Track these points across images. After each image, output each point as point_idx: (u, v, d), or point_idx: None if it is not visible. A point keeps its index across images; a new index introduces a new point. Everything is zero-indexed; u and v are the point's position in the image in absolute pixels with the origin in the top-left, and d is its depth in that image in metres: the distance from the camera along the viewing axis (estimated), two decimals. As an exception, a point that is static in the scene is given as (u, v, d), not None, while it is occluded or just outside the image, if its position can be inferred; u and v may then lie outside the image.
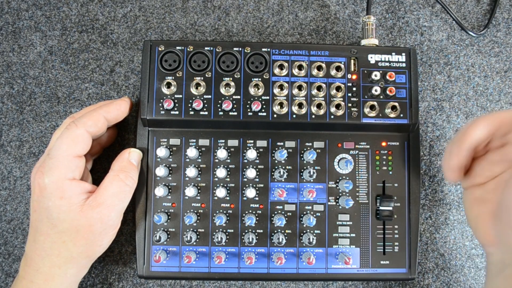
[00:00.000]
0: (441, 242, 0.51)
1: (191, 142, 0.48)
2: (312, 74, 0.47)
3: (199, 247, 0.47)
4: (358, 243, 0.47)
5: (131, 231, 0.50)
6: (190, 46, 0.47)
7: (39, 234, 0.41)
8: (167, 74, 0.46)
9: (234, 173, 0.47)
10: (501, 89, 0.54)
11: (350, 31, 0.55)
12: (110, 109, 0.44)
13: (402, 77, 0.47)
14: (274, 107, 0.46)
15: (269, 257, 0.47)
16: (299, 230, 0.47)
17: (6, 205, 0.51)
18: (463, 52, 0.55)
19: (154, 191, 0.46)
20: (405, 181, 0.48)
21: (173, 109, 0.46)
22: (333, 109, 0.46)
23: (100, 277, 0.50)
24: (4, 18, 0.54)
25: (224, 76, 0.46)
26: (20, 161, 0.52)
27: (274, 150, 0.48)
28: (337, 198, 0.48)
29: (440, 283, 0.51)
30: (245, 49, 0.47)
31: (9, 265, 0.50)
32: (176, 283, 0.50)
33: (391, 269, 0.47)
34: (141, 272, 0.46)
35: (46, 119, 0.52)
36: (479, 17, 0.56)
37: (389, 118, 0.47)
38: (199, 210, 0.47)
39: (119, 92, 0.53)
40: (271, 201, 0.48)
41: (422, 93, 0.54)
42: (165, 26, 0.54)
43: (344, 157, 0.48)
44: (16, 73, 0.53)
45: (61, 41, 0.53)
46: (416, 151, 0.49)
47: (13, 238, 0.51)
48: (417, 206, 0.48)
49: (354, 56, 0.48)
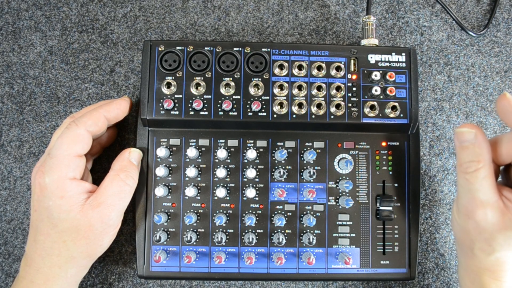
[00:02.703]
0: (441, 242, 0.51)
1: (191, 142, 0.48)
2: (312, 74, 0.47)
3: (199, 247, 0.47)
4: (358, 243, 0.47)
5: (131, 231, 0.50)
6: (190, 46, 0.47)
7: (39, 234, 0.41)
8: (167, 74, 0.46)
9: (234, 173, 0.48)
10: (501, 89, 0.54)
11: (350, 31, 0.55)
12: (110, 108, 0.44)
13: (402, 77, 0.47)
14: (274, 107, 0.46)
15: (269, 257, 0.47)
16: (299, 230, 0.47)
17: (6, 205, 0.51)
18: (463, 52, 0.55)
19: (154, 191, 0.46)
20: (405, 181, 0.48)
21: (173, 109, 0.46)
22: (333, 109, 0.46)
23: (100, 277, 0.50)
24: (4, 18, 0.54)
25: (224, 76, 0.47)
26: (20, 161, 0.52)
27: (274, 150, 0.48)
28: (337, 198, 0.48)
29: (440, 283, 0.51)
30: (245, 49, 0.47)
31: (9, 265, 0.50)
32: (176, 283, 0.50)
33: (391, 269, 0.47)
34: (141, 272, 0.46)
35: (46, 119, 0.52)
36: (479, 17, 0.56)
37: (389, 118, 0.47)
38: (199, 210, 0.47)
39: (119, 92, 0.53)
40: (271, 201, 0.48)
41: (422, 93, 0.54)
42: (165, 26, 0.54)
43: (344, 157, 0.48)
44: (16, 73, 0.53)
45: (61, 41, 0.53)
46: (416, 151, 0.49)
47: (13, 238, 0.51)
48: (417, 206, 0.48)
49: (354, 56, 0.48)
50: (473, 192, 0.36)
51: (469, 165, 0.36)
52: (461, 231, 0.39)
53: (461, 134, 0.37)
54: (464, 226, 0.38)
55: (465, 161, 0.37)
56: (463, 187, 0.37)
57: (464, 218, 0.38)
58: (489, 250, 0.37)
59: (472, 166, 0.36)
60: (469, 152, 0.36)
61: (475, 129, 0.36)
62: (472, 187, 0.36)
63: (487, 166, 0.36)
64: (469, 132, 0.36)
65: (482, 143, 0.36)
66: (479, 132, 0.36)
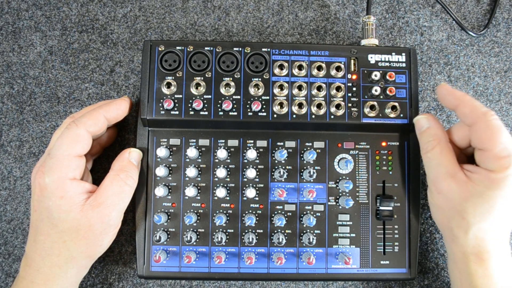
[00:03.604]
0: (441, 242, 0.51)
1: (191, 142, 0.48)
2: (312, 74, 0.47)
3: (199, 247, 0.47)
4: (358, 243, 0.47)
5: (131, 231, 0.50)
6: (190, 46, 0.47)
7: (39, 234, 0.41)
8: (167, 74, 0.46)
9: (234, 173, 0.48)
10: (501, 89, 0.54)
11: (350, 31, 0.55)
12: (110, 108, 0.44)
13: (402, 77, 0.47)
14: (274, 107, 0.46)
15: (269, 257, 0.47)
16: (299, 230, 0.47)
17: (6, 205, 0.51)
18: (463, 52, 0.55)
19: (154, 191, 0.46)
20: (405, 181, 0.48)
21: (173, 109, 0.46)
22: (333, 109, 0.46)
23: (100, 277, 0.50)
24: (4, 18, 0.54)
25: (224, 76, 0.47)
26: (20, 161, 0.52)
27: (274, 150, 0.48)
28: (337, 198, 0.48)
29: (440, 283, 0.51)
30: (245, 49, 0.47)
31: (9, 265, 0.50)
32: (176, 283, 0.50)
33: (391, 269, 0.47)
34: (141, 272, 0.46)
35: (46, 119, 0.52)
36: (479, 17, 0.56)
37: (389, 118, 0.47)
38: (199, 210, 0.47)
39: (119, 92, 0.53)
40: (271, 201, 0.48)
41: (422, 93, 0.54)
42: (165, 26, 0.54)
43: (344, 157, 0.48)
44: (16, 73, 0.53)
45: (61, 41, 0.53)
46: (416, 151, 0.48)
47: (13, 238, 0.51)
48: (417, 206, 0.48)
49: (354, 56, 0.48)
50: (436, 167, 0.41)
51: (428, 144, 0.42)
52: (437, 212, 0.43)
53: (418, 121, 0.45)
54: (437, 203, 0.42)
55: (424, 142, 0.43)
56: (428, 166, 0.43)
57: (435, 195, 0.42)
58: (465, 225, 0.39)
59: (430, 144, 0.42)
60: (427, 134, 0.43)
61: (428, 115, 0.44)
62: (434, 163, 0.42)
63: (443, 143, 0.42)
64: (423, 118, 0.44)
65: (436, 125, 0.43)
66: (432, 117, 0.44)
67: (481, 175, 0.39)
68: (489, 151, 0.38)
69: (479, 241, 0.39)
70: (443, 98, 0.43)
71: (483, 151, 0.39)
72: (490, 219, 0.39)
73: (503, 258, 0.40)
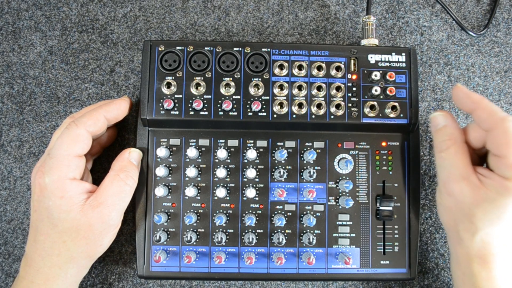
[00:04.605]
0: (441, 242, 0.51)
1: (191, 142, 0.48)
2: (312, 74, 0.47)
3: (199, 247, 0.47)
4: (358, 243, 0.47)
5: (131, 231, 0.50)
6: (190, 46, 0.47)
7: (39, 234, 0.41)
8: (167, 74, 0.46)
9: (234, 173, 0.48)
10: (501, 89, 0.54)
11: (350, 31, 0.55)
12: (110, 108, 0.44)
13: (402, 77, 0.47)
14: (274, 107, 0.46)
15: (269, 257, 0.47)
16: (299, 230, 0.47)
17: (6, 205, 0.51)
18: (463, 52, 0.55)
19: (154, 191, 0.46)
20: (405, 181, 0.48)
21: (173, 109, 0.46)
22: (333, 109, 0.46)
23: (100, 277, 0.50)
24: (4, 18, 0.54)
25: (224, 76, 0.47)
26: (20, 161, 0.52)
27: (274, 150, 0.48)
28: (337, 198, 0.48)
29: (440, 283, 0.51)
30: (245, 49, 0.47)
31: (9, 265, 0.50)
32: (176, 283, 0.50)
33: (391, 269, 0.47)
34: (141, 272, 0.46)
35: (46, 119, 0.52)
36: (479, 17, 0.56)
37: (389, 118, 0.47)
38: (199, 210, 0.47)
39: (119, 92, 0.53)
40: (271, 201, 0.48)
41: (422, 93, 0.54)
42: (165, 26, 0.54)
43: (344, 157, 0.48)
44: (16, 73, 0.53)
45: (61, 41, 0.53)
46: (416, 151, 0.49)
47: (13, 238, 0.51)
48: (417, 206, 0.48)
49: (354, 56, 0.48)
50: (449, 168, 0.40)
51: (443, 143, 0.41)
52: (445, 213, 0.42)
53: (435, 118, 0.43)
54: (446, 204, 0.41)
55: (439, 141, 0.41)
56: (440, 166, 0.41)
57: (445, 196, 0.41)
58: (472, 229, 0.39)
59: (445, 144, 0.41)
60: (442, 133, 0.41)
61: (446, 113, 0.42)
62: (447, 163, 0.40)
63: (459, 143, 0.40)
64: (440, 115, 0.42)
65: (453, 124, 0.41)
66: (449, 115, 0.42)
67: (495, 181, 0.37)
68: (506, 158, 0.37)
69: (485, 244, 0.39)
70: (459, 101, 0.41)
71: (498, 157, 0.38)
72: (499, 225, 0.38)
73: (508, 261, 0.39)
